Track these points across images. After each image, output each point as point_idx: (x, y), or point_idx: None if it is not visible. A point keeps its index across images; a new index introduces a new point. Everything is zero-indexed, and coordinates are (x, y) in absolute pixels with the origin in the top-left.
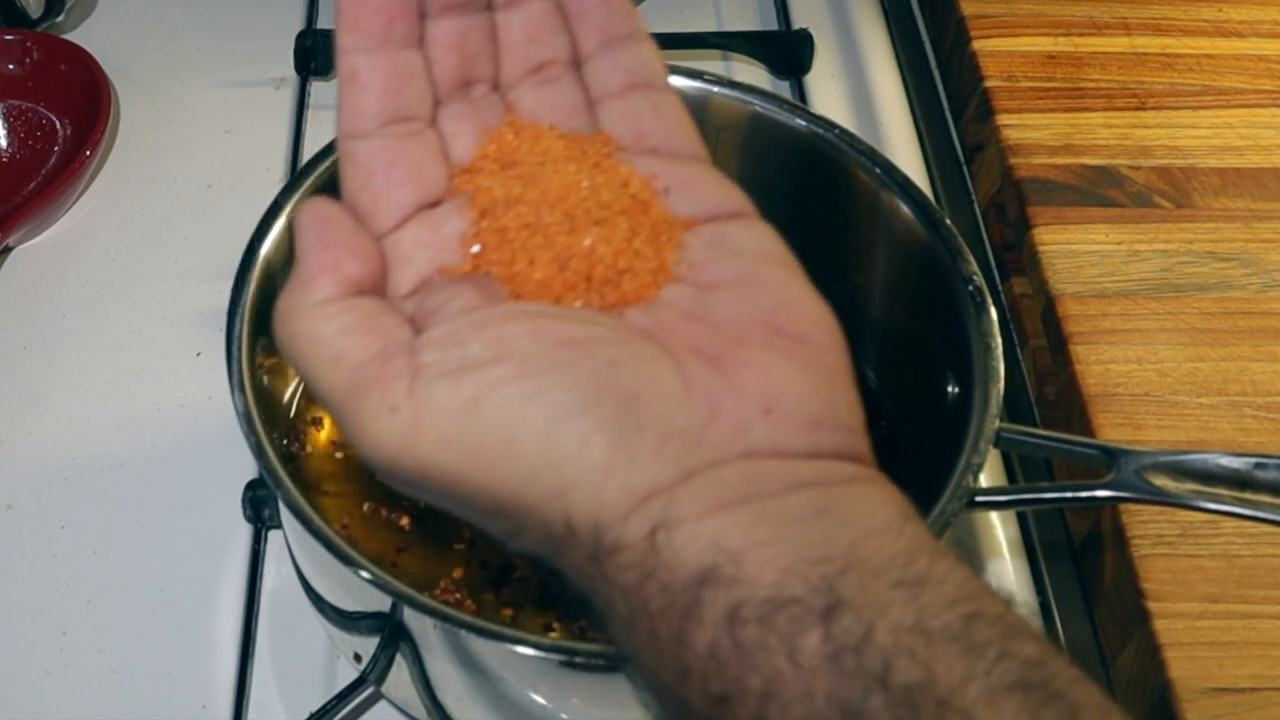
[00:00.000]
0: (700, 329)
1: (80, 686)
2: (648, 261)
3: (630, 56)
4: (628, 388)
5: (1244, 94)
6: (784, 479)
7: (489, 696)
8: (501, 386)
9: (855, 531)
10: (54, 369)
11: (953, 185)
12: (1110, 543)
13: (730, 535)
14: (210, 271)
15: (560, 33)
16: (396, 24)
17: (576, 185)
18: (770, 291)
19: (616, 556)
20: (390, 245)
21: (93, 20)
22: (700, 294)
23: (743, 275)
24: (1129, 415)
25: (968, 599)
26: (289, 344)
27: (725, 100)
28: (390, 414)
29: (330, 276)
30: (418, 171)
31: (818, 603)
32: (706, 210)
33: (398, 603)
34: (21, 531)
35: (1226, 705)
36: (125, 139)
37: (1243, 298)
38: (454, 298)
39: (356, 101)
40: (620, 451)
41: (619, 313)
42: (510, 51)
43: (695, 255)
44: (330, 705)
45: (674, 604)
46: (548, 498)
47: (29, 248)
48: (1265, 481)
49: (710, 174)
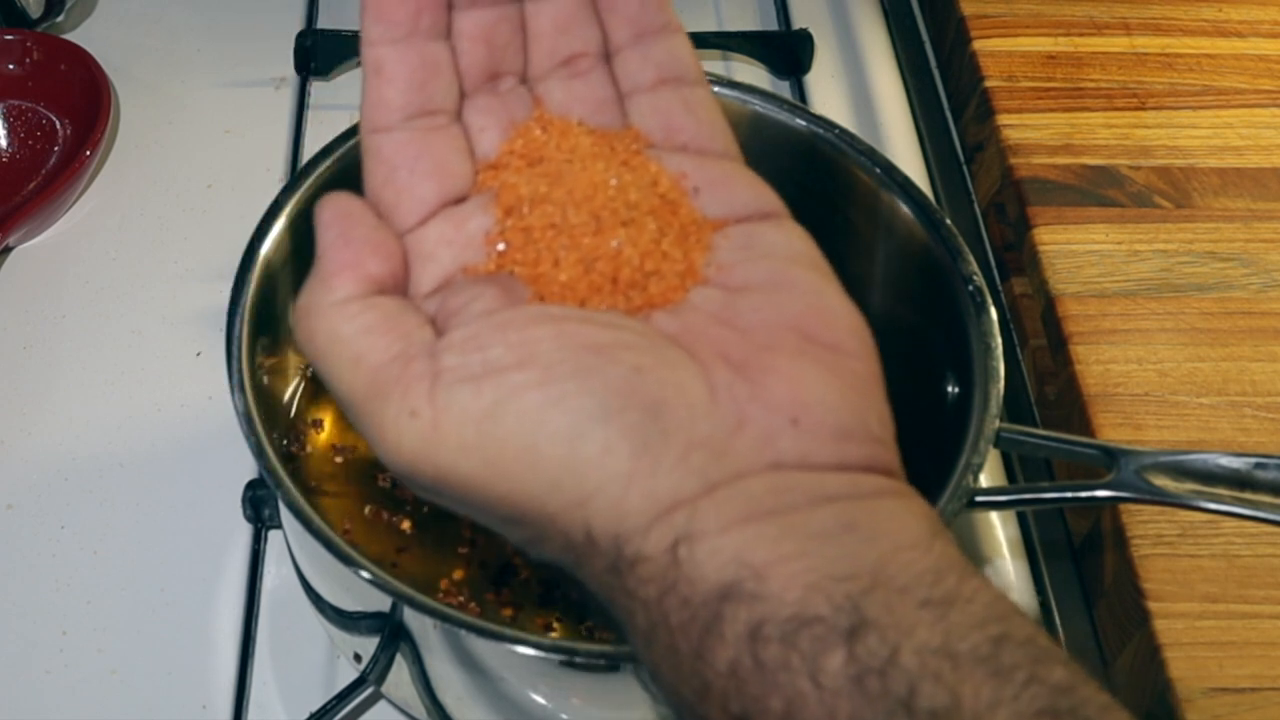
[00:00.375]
0: (728, 334)
1: (80, 686)
2: (675, 264)
3: (662, 50)
4: (653, 395)
5: (1244, 94)
6: (811, 492)
7: (489, 696)
8: (524, 392)
9: (883, 547)
10: (54, 369)
11: (953, 185)
12: (1110, 543)
13: (754, 549)
14: (210, 271)
15: (591, 24)
16: (424, 15)
17: (604, 184)
18: (801, 295)
19: (637, 568)
20: (413, 242)
21: (93, 20)
22: (729, 297)
23: (773, 278)
24: (1129, 415)
25: (997, 620)
26: (308, 342)
27: (725, 100)
28: (410, 418)
29: (351, 274)
30: (442, 167)
31: (842, 622)
32: (737, 210)
33: (398, 603)
34: (21, 531)
35: (1226, 705)
36: (125, 139)
37: (1243, 298)
38: (476, 298)
39: (381, 94)
40: (644, 460)
41: (645, 316)
42: (539, 43)
43: (724, 257)
44: (330, 705)
45: (695, 619)
46: (569, 506)
47: (29, 248)
48: (1265, 481)
49: (742, 172)
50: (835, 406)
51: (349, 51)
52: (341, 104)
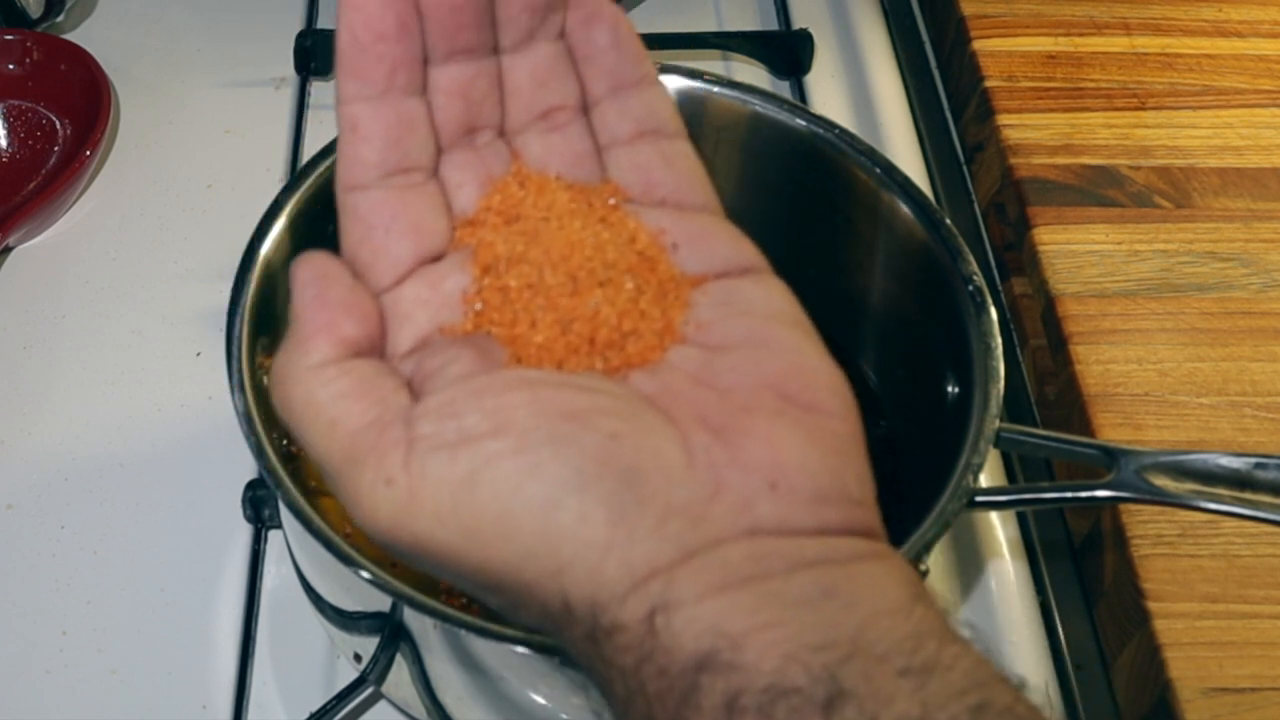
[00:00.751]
0: (706, 395)
1: (80, 686)
2: (653, 323)
3: (640, 103)
4: (629, 461)
5: (1244, 94)
6: (789, 558)
7: (489, 696)
8: (499, 461)
9: (862, 613)
10: (54, 369)
11: (953, 185)
12: (1110, 543)
13: (731, 618)
14: (210, 271)
15: (569, 77)
16: (399, 72)
17: (581, 243)
18: (780, 354)
19: (614, 637)
20: (390, 302)
21: (93, 20)
22: (708, 356)
23: (752, 336)
24: (1129, 415)
25: (977, 687)
26: (284, 406)
27: (725, 100)
28: (386, 486)
29: (327, 336)
30: (418, 225)
31: (819, 693)
32: (716, 266)
33: (398, 603)
34: (21, 531)
35: (1226, 705)
36: (125, 139)
37: (1243, 298)
38: (453, 361)
39: (357, 152)
40: (620, 529)
41: (623, 376)
42: (516, 97)
43: (703, 314)
44: (330, 705)
45: (672, 689)
46: (545, 576)
47: (29, 248)
48: (1265, 481)
49: (721, 227)
50: (813, 470)
51: None
52: None
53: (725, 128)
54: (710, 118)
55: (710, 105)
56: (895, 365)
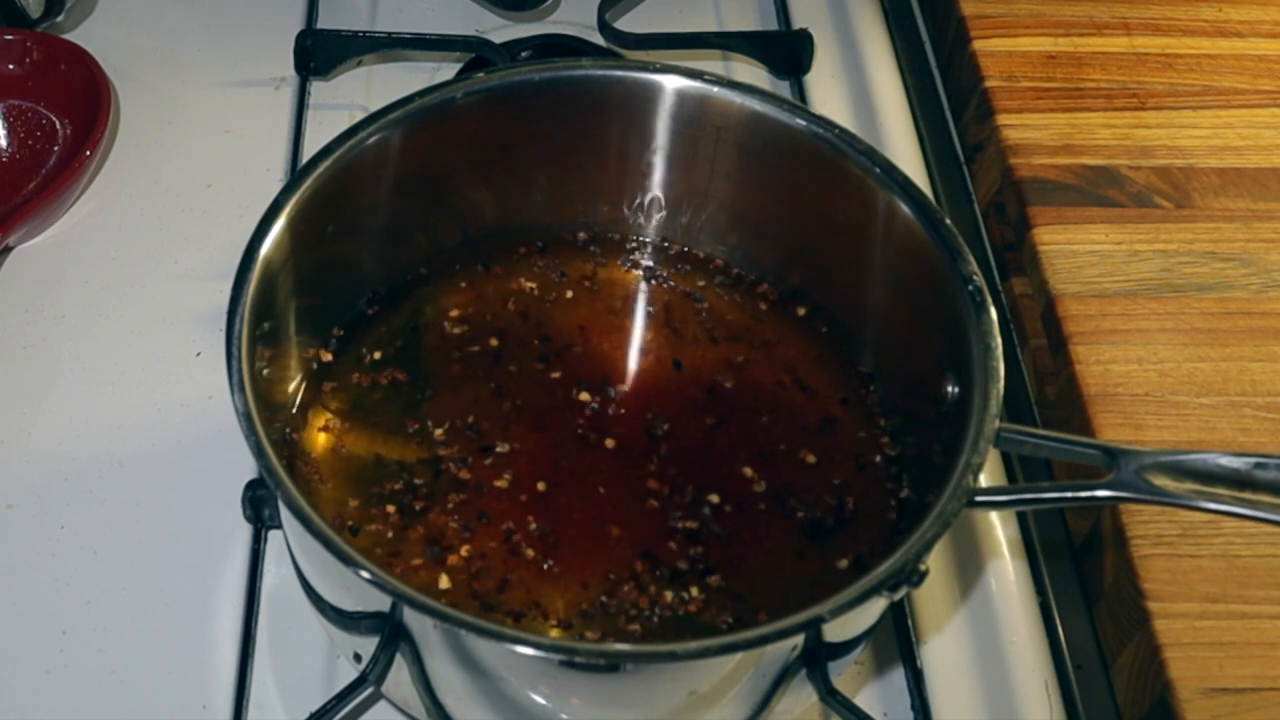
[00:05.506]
0: None
1: (80, 686)
2: None
3: None
4: None
5: (1244, 94)
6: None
7: (489, 696)
8: None
9: None
10: (54, 369)
11: (953, 185)
12: (1110, 543)
13: None
14: (210, 271)
15: None
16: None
17: None
18: None
19: None
20: None
21: (93, 20)
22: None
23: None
24: (1129, 415)
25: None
26: None
27: (725, 100)
28: None
29: None
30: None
31: None
32: None
33: (398, 603)
34: (21, 531)
35: (1226, 705)
36: (125, 139)
37: (1243, 298)
38: None
39: None
40: None
41: None
42: None
43: None
44: (330, 705)
45: None
46: None
47: (29, 248)
48: (1265, 481)
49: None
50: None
51: (349, 51)
52: (341, 104)
53: (725, 128)
54: (710, 118)
55: (710, 105)
56: (895, 365)
